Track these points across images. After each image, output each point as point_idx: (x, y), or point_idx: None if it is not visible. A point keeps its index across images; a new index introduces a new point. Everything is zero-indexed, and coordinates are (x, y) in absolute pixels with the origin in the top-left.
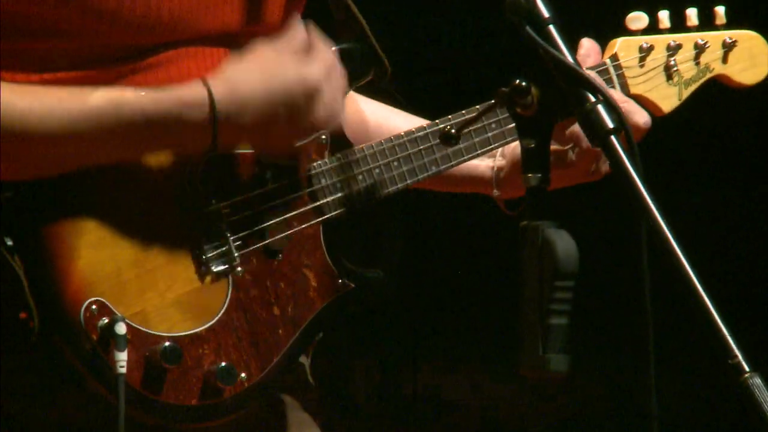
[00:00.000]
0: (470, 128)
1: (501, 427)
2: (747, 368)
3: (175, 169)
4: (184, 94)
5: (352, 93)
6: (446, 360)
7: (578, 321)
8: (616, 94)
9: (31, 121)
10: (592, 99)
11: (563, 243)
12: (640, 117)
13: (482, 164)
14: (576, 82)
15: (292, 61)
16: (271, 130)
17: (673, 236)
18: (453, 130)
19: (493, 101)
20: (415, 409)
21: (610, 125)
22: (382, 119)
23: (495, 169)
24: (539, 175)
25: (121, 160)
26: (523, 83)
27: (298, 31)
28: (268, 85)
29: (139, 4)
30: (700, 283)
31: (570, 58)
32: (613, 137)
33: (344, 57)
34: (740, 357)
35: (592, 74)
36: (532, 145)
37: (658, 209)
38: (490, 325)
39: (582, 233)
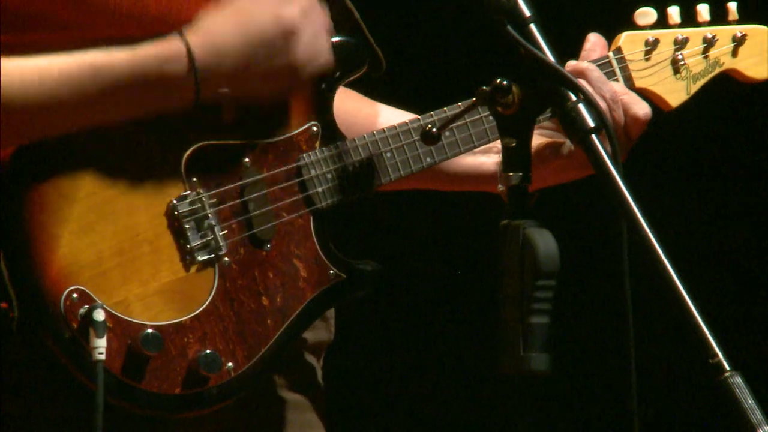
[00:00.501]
0: (461, 123)
1: (481, 426)
2: (728, 367)
3: (161, 157)
4: (162, 49)
5: (362, 96)
6: (427, 358)
7: (559, 320)
8: (617, 86)
9: (10, 92)
10: (573, 98)
11: (544, 242)
12: (639, 108)
13: (488, 161)
14: (557, 80)
15: (268, 4)
16: (252, 73)
17: (653, 234)
18: (434, 129)
19: (473, 99)
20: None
21: (591, 124)
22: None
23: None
24: (520, 173)
25: (106, 122)
26: (504, 82)
27: None
28: (243, 29)
29: None
30: (680, 282)
31: (551, 57)
32: (593, 136)
33: (342, 49)
34: (721, 356)
35: (592, 67)
36: (513, 144)
37: (638, 208)
38: (471, 323)
39: (563, 232)
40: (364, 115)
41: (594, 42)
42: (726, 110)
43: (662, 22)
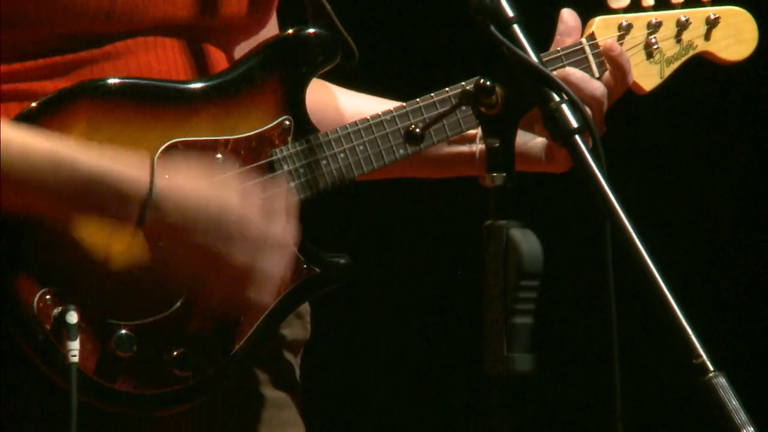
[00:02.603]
0: (434, 113)
1: (463, 426)
2: (711, 368)
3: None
4: (128, 164)
5: (329, 85)
6: (405, 357)
7: (543, 320)
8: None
9: None
10: (557, 98)
11: (528, 242)
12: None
13: (465, 149)
14: (540, 81)
15: (249, 204)
16: (192, 240)
17: (637, 235)
18: (417, 129)
19: (455, 102)
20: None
21: (574, 125)
22: (361, 109)
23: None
24: (504, 174)
25: (40, 209)
26: (488, 82)
27: (280, 193)
28: (209, 201)
29: None
30: (664, 282)
31: (534, 57)
32: (577, 137)
33: (313, 41)
34: (704, 356)
35: (571, 70)
36: (497, 144)
37: (622, 208)
38: (453, 322)
39: (547, 232)
40: (324, 101)
41: (567, 21)
42: (710, 106)
43: (636, 5)
